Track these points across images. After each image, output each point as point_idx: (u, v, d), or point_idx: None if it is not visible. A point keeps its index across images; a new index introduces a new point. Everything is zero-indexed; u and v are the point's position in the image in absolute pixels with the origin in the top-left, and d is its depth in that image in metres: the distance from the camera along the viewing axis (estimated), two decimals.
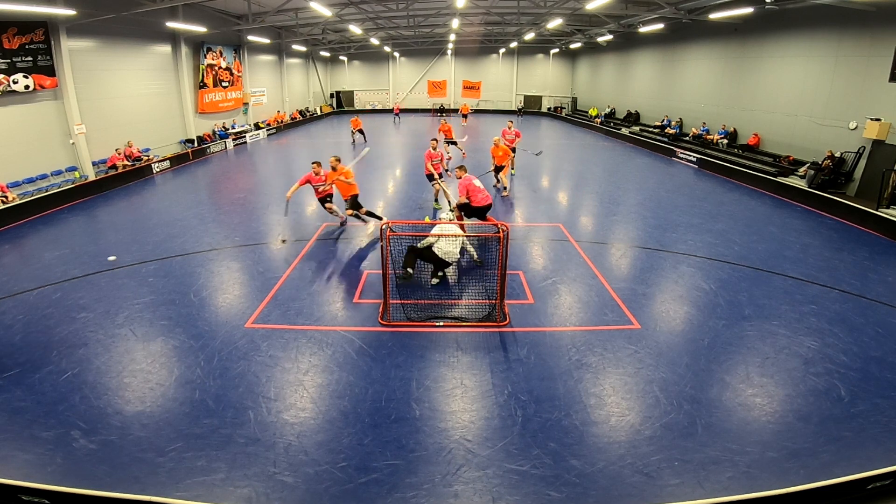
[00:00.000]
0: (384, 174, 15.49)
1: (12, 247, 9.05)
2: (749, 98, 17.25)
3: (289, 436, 4.18)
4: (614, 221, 10.64)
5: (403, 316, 6.20)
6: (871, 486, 3.50)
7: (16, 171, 11.98)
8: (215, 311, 6.43)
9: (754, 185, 14.22)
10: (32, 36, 12.07)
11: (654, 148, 21.07)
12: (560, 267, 7.92)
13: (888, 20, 11.51)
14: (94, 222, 10.80)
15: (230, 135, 22.14)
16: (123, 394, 4.74)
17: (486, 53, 37.18)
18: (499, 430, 4.28)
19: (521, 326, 6.05)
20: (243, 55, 24.05)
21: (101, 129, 14.66)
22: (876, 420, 4.40)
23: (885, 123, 11.51)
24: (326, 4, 17.01)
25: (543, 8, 19.44)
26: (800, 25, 14.51)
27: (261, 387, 4.85)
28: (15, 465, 3.85)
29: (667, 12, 16.59)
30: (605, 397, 4.73)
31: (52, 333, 5.83)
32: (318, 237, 9.32)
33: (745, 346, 5.64)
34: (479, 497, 3.61)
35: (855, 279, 7.53)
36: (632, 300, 6.75)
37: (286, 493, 3.63)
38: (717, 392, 4.81)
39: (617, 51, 28.58)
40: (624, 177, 15.77)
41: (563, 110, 36.50)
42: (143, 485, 3.66)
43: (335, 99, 39.22)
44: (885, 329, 6.01)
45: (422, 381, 4.98)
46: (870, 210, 10.37)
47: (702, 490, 3.66)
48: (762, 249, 8.80)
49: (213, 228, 9.89)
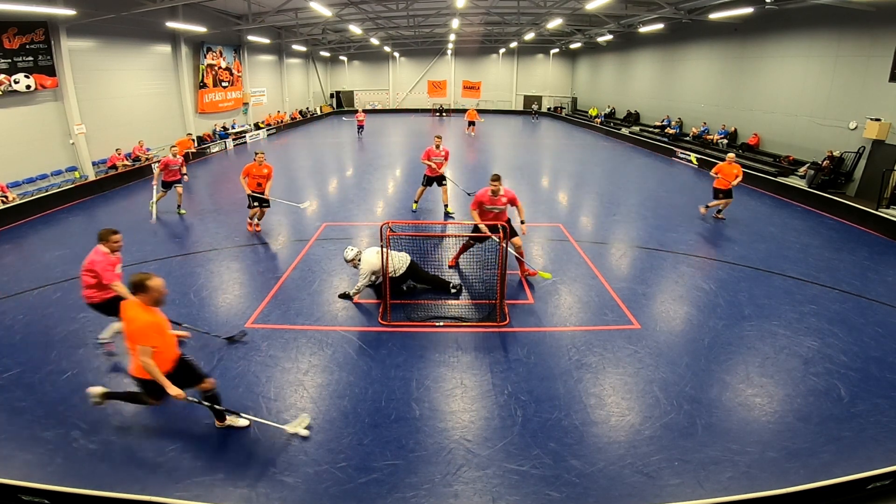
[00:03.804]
0: (384, 174, 15.50)
1: (12, 247, 9.05)
2: (749, 98, 17.25)
3: (289, 436, 4.18)
4: (614, 221, 10.64)
5: (403, 316, 6.20)
6: (871, 486, 3.50)
7: (16, 171, 11.98)
8: (215, 311, 6.43)
9: (754, 185, 14.22)
10: (33, 36, 12.07)
11: (653, 148, 21.07)
12: (560, 267, 7.91)
13: (888, 20, 11.51)
14: (94, 222, 10.79)
15: (230, 135, 22.14)
16: None
17: (486, 53, 37.20)
18: (499, 430, 4.27)
19: (521, 326, 6.05)
20: (243, 55, 24.05)
21: (101, 129, 14.67)
22: (876, 420, 4.40)
23: (885, 123, 11.51)
24: (326, 4, 17.01)
25: (543, 8, 19.45)
26: (800, 25, 14.51)
27: (261, 387, 4.85)
28: (15, 465, 3.84)
29: (667, 12, 16.59)
30: (605, 397, 4.73)
31: (52, 333, 5.82)
32: (318, 237, 9.31)
33: (745, 346, 5.64)
34: (479, 497, 3.61)
35: (855, 279, 7.53)
36: (632, 300, 6.75)
37: (286, 493, 3.63)
38: (717, 392, 4.81)
39: (617, 51, 28.58)
40: (624, 177, 15.77)
41: (563, 110, 36.51)
42: (143, 485, 3.65)
43: (335, 99, 39.24)
44: (885, 329, 6.01)
45: (422, 381, 4.97)
46: (870, 210, 10.37)
47: (702, 490, 3.65)
48: (762, 249, 8.80)
49: (213, 228, 9.89)
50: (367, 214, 10.89)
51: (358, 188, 13.52)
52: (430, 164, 10.23)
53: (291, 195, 12.54)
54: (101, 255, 4.96)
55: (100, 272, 4.92)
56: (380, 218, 10.23)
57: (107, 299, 5.12)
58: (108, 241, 5.02)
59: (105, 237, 5.02)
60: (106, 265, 4.95)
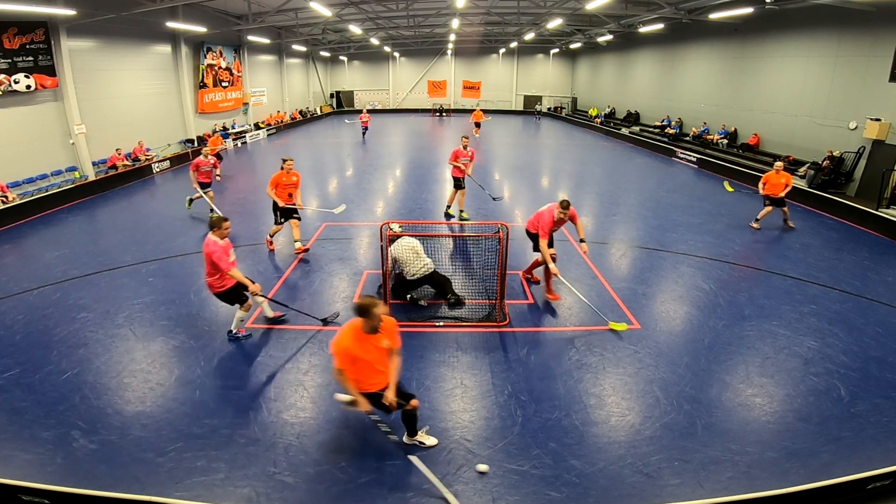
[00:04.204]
0: (384, 174, 15.50)
1: (12, 247, 9.05)
2: (749, 98, 17.25)
3: (289, 436, 4.18)
4: (614, 221, 10.64)
5: (403, 316, 6.19)
6: (871, 486, 3.50)
7: (16, 171, 11.99)
8: (215, 311, 6.43)
9: (754, 185, 14.19)
10: (33, 36, 12.07)
11: (653, 148, 21.07)
12: (560, 267, 7.86)
13: (888, 20, 11.51)
14: (94, 222, 10.80)
15: (230, 135, 22.14)
16: (123, 394, 4.74)
17: (486, 53, 37.19)
18: (499, 430, 4.28)
19: (521, 326, 6.05)
20: (243, 55, 24.05)
21: (101, 129, 14.67)
22: (876, 420, 4.40)
23: (885, 123, 11.51)
24: (326, 4, 17.01)
25: (543, 8, 19.45)
26: (800, 25, 14.51)
27: (261, 387, 4.85)
28: (15, 465, 3.85)
29: (667, 12, 16.59)
30: (605, 397, 4.73)
31: (52, 333, 5.83)
32: (318, 237, 9.31)
33: (745, 346, 5.64)
34: (479, 497, 3.61)
35: (855, 279, 7.53)
36: (632, 300, 6.75)
37: (286, 493, 3.63)
38: (717, 392, 4.81)
39: (617, 51, 28.58)
40: (624, 177, 15.77)
41: (562, 110, 36.51)
42: (143, 485, 3.66)
43: (335, 99, 39.23)
44: (885, 329, 6.01)
45: (422, 381, 4.97)
46: (870, 210, 10.37)
47: (702, 490, 3.65)
48: (762, 249, 8.80)
49: None
50: (368, 214, 10.88)
51: (358, 188, 13.51)
52: (459, 164, 10.14)
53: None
54: (215, 244, 5.15)
55: (217, 261, 5.12)
56: (380, 218, 10.23)
57: (229, 288, 5.38)
58: (221, 228, 5.24)
59: (216, 225, 5.23)
60: (221, 254, 5.14)
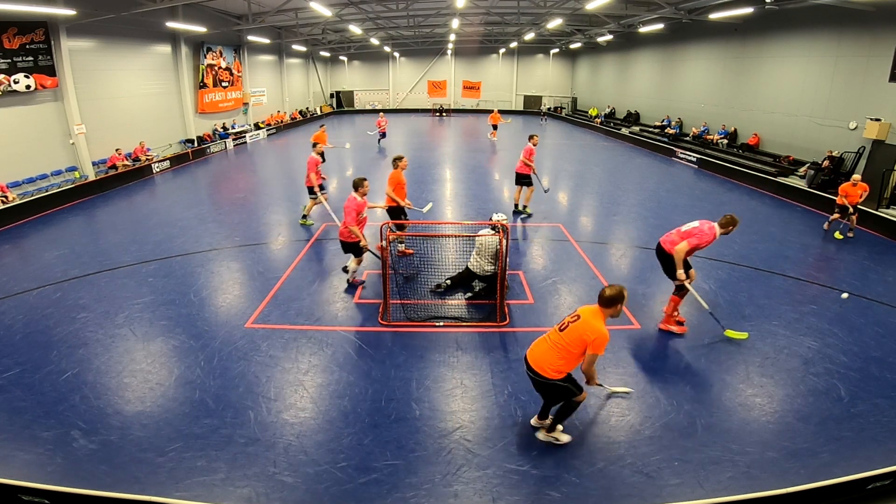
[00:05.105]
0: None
1: (12, 247, 9.05)
2: (749, 98, 17.25)
3: (289, 436, 4.18)
4: (614, 221, 10.64)
5: (403, 316, 6.20)
6: (871, 486, 3.50)
7: (16, 171, 11.98)
8: (215, 311, 6.43)
9: (754, 185, 14.23)
10: (33, 36, 12.06)
11: (654, 148, 21.07)
12: (560, 267, 7.92)
13: (888, 20, 11.51)
14: (94, 222, 10.80)
15: (230, 135, 22.14)
16: (123, 394, 4.74)
17: (486, 53, 37.18)
18: (499, 430, 4.28)
19: (521, 326, 6.05)
20: (243, 55, 24.05)
21: (101, 129, 14.65)
22: (876, 420, 4.40)
23: (885, 123, 11.51)
24: (326, 4, 17.00)
25: (543, 8, 19.44)
26: (800, 25, 14.51)
27: (261, 387, 4.85)
28: (15, 465, 3.85)
29: (667, 12, 16.59)
30: (604, 397, 4.73)
31: (52, 333, 5.83)
32: (318, 237, 9.32)
33: (745, 346, 5.64)
34: (479, 497, 3.61)
35: (855, 279, 7.53)
36: (632, 300, 6.74)
37: (286, 493, 3.63)
38: (717, 392, 4.81)
39: (617, 51, 28.58)
40: (624, 177, 15.77)
41: (563, 110, 36.50)
42: (143, 485, 3.66)
43: (335, 99, 39.23)
44: (885, 329, 6.01)
45: (422, 381, 4.98)
46: (870, 210, 10.37)
47: (702, 490, 3.65)
48: (762, 249, 8.80)
49: (213, 228, 9.89)
50: (368, 214, 10.85)
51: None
52: (531, 163, 10.30)
53: (291, 196, 12.56)
54: (353, 200, 6.33)
55: (346, 213, 6.29)
56: (380, 218, 10.22)
57: (353, 240, 6.50)
58: (363, 187, 6.41)
59: (359, 184, 6.41)
60: (351, 209, 6.26)
